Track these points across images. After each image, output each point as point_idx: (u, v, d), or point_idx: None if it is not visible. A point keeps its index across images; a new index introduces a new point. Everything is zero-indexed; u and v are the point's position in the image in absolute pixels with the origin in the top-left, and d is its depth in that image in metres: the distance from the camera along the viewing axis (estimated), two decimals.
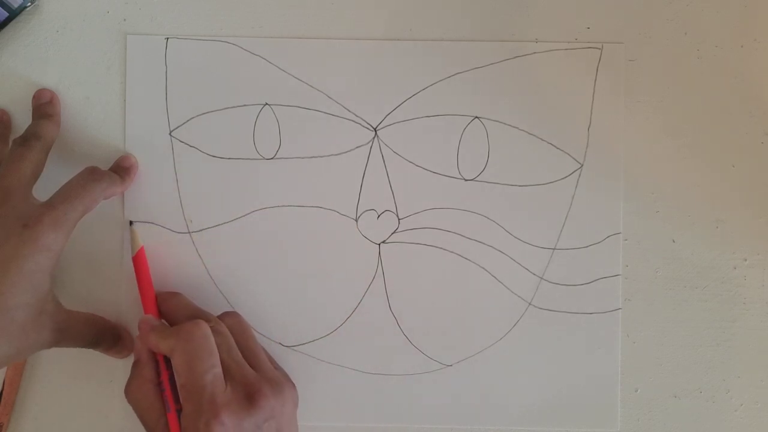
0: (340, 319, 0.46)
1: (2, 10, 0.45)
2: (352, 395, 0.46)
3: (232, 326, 0.42)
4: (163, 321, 0.43)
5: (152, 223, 0.46)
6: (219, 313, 0.44)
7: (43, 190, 0.42)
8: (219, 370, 0.39)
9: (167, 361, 0.41)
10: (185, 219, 0.46)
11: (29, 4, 0.45)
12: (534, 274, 0.46)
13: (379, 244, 0.46)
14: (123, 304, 0.46)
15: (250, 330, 0.43)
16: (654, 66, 0.46)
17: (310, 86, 0.46)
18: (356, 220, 0.46)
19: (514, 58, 0.46)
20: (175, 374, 0.39)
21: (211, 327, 0.40)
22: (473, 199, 0.46)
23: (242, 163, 0.46)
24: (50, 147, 0.43)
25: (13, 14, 0.45)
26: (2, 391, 0.45)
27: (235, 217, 0.46)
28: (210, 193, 0.46)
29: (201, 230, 0.46)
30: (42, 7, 0.46)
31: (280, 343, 0.46)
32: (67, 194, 0.40)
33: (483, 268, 0.46)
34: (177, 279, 0.45)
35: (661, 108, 0.46)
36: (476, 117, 0.46)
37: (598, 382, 0.46)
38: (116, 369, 0.45)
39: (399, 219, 0.46)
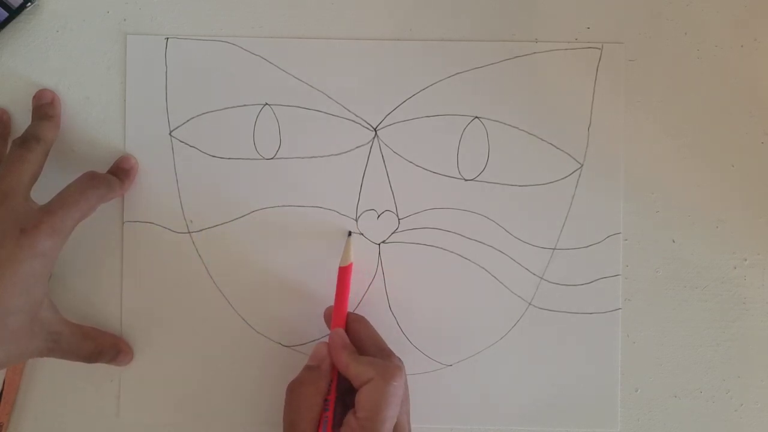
0: None
1: (2, 10, 0.45)
2: None
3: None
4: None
5: (152, 223, 0.46)
6: None
7: (43, 190, 0.42)
8: (395, 422, 0.39)
9: (338, 381, 0.41)
10: (185, 219, 0.46)
11: (29, 4, 0.45)
12: (534, 274, 0.46)
13: (379, 244, 0.46)
14: (122, 307, 0.46)
15: (407, 389, 0.42)
16: (654, 66, 0.46)
17: (310, 86, 0.46)
18: (356, 220, 0.46)
19: (514, 58, 0.46)
20: (357, 405, 0.39)
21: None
22: (473, 199, 0.46)
23: (242, 163, 0.46)
24: (50, 149, 0.43)
25: (13, 14, 0.45)
26: (2, 391, 0.45)
27: (235, 217, 0.46)
28: (210, 193, 0.46)
29: (201, 230, 0.46)
30: (42, 7, 0.46)
31: (279, 343, 0.46)
32: (65, 200, 0.40)
33: (483, 268, 0.46)
34: (177, 279, 0.45)
35: (661, 108, 0.46)
36: (476, 117, 0.46)
37: (598, 382, 0.46)
38: (116, 369, 0.45)
39: (399, 219, 0.46)
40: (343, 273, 0.43)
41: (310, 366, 0.41)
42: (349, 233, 0.45)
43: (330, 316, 0.44)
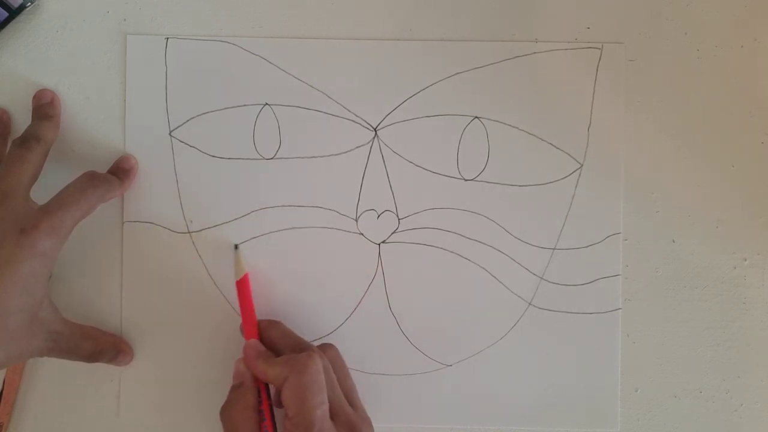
0: (340, 319, 0.46)
1: (2, 10, 0.45)
2: None
3: (331, 360, 0.42)
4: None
5: (152, 223, 0.46)
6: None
7: (43, 190, 0.42)
8: (327, 406, 0.39)
9: (267, 389, 0.41)
10: (185, 219, 0.46)
11: (29, 4, 0.45)
12: (534, 274, 0.46)
13: (379, 244, 0.46)
14: (122, 307, 0.45)
15: (346, 365, 0.43)
16: (654, 66, 0.46)
17: (310, 86, 0.46)
18: (356, 220, 0.46)
19: (514, 58, 0.46)
20: (284, 405, 0.39)
21: None
22: (473, 199, 0.46)
23: (242, 163, 0.46)
24: (49, 148, 0.43)
25: (13, 14, 0.45)
26: (2, 391, 0.45)
27: (235, 217, 0.46)
28: (210, 193, 0.46)
29: (201, 230, 0.46)
30: (42, 7, 0.46)
31: None
32: (64, 200, 0.40)
33: (483, 268, 0.46)
34: (177, 279, 0.45)
35: (661, 108, 0.46)
36: (476, 117, 0.46)
37: (598, 382, 0.46)
38: (116, 369, 0.45)
39: (399, 219, 0.46)
40: (242, 285, 0.43)
41: (234, 385, 0.42)
42: (236, 246, 0.45)
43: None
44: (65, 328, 0.41)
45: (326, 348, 0.42)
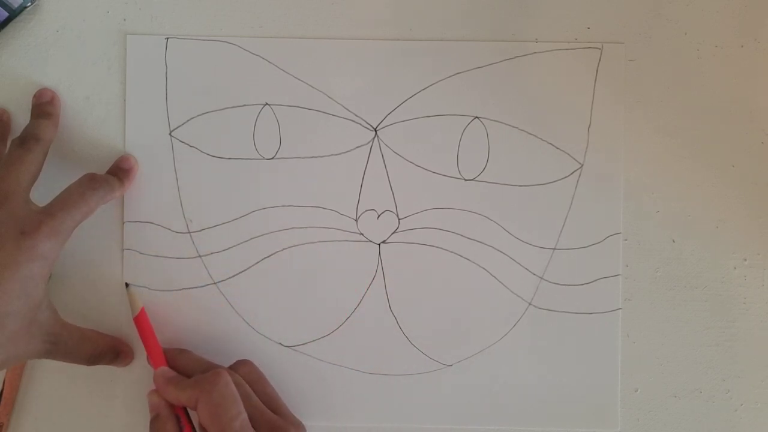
0: (340, 319, 0.46)
1: (2, 10, 0.45)
2: (352, 395, 0.46)
3: (246, 374, 0.42)
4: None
5: (152, 223, 0.46)
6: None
7: (43, 190, 0.42)
8: (245, 416, 0.39)
9: (187, 413, 0.41)
10: (185, 219, 0.46)
11: (29, 4, 0.45)
12: (534, 274, 0.46)
13: (379, 244, 0.46)
14: (122, 307, 0.45)
15: (264, 376, 0.43)
16: (654, 66, 0.46)
17: (310, 86, 0.46)
18: (356, 220, 0.46)
19: (514, 58, 0.46)
20: (202, 425, 0.39)
21: None
22: (473, 199, 0.46)
23: (242, 163, 0.46)
24: (48, 148, 0.43)
25: (13, 14, 0.45)
26: (2, 391, 0.45)
27: (235, 217, 0.46)
28: (210, 193, 0.46)
29: (201, 230, 0.46)
30: (42, 7, 0.46)
31: (280, 343, 0.46)
32: (65, 202, 0.40)
33: (483, 268, 0.46)
34: (177, 279, 0.45)
35: (661, 108, 0.46)
36: (476, 117, 0.46)
37: (598, 382, 0.46)
38: (116, 369, 0.45)
39: (399, 219, 0.46)
40: (140, 320, 0.43)
41: (151, 419, 0.41)
42: (126, 285, 0.44)
43: None
44: (64, 330, 0.41)
45: (240, 364, 0.43)
